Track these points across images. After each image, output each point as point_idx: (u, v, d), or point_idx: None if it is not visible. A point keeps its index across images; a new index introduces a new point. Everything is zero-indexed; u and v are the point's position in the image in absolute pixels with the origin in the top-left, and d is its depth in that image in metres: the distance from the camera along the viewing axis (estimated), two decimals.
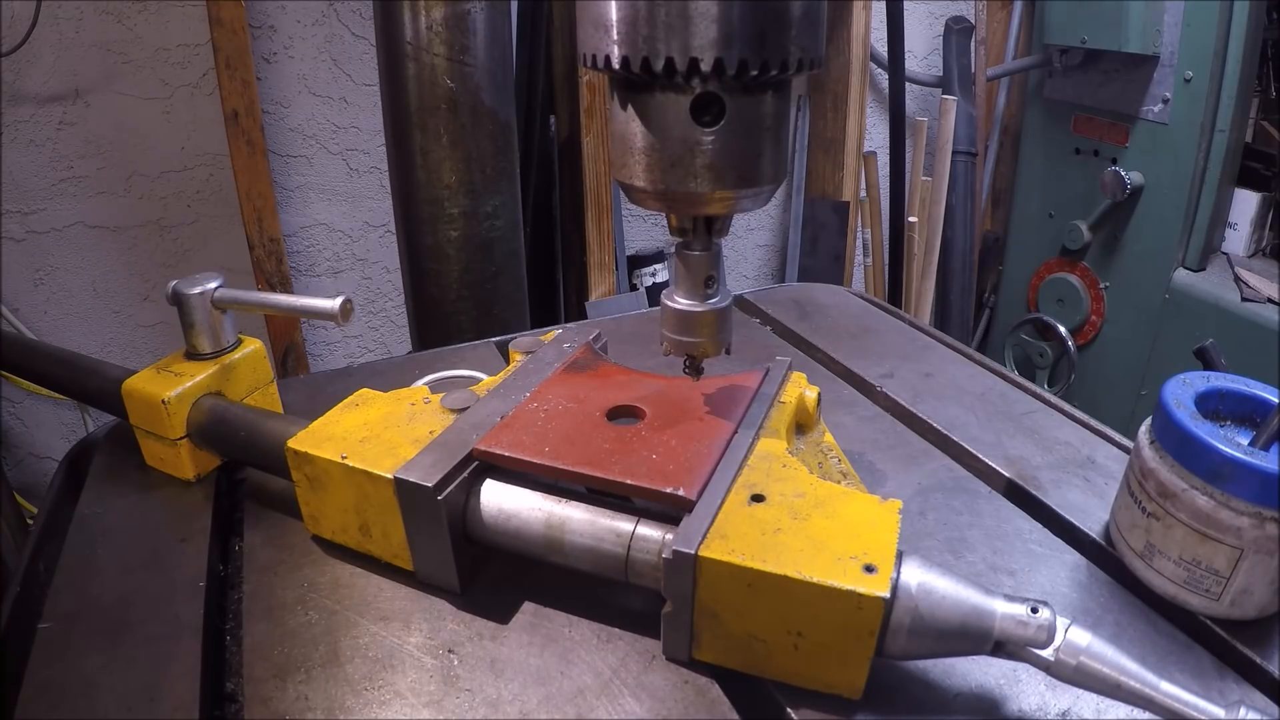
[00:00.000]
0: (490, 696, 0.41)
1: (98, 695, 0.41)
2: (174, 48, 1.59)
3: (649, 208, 0.41)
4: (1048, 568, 0.49)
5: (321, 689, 0.41)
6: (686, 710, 0.40)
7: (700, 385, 0.51)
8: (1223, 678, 0.42)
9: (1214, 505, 0.42)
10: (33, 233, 1.63)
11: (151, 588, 0.48)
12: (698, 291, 0.43)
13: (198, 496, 0.56)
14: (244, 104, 1.55)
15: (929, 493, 0.56)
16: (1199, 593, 0.44)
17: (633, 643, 0.44)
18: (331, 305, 0.53)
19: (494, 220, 1.11)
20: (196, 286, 0.56)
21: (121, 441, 0.61)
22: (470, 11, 1.00)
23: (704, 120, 0.36)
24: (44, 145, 1.57)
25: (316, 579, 0.49)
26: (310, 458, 0.48)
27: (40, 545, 0.53)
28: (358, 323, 1.96)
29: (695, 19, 0.33)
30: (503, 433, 0.48)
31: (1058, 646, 0.36)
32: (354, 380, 0.70)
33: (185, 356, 0.58)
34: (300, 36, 1.66)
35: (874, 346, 0.78)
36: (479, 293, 1.13)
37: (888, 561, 0.37)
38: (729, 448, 0.46)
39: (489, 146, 1.07)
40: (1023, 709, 0.40)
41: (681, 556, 0.39)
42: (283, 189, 1.75)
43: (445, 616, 0.46)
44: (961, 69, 2.15)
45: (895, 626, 0.37)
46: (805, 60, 0.35)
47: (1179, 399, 0.45)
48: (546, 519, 0.44)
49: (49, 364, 0.63)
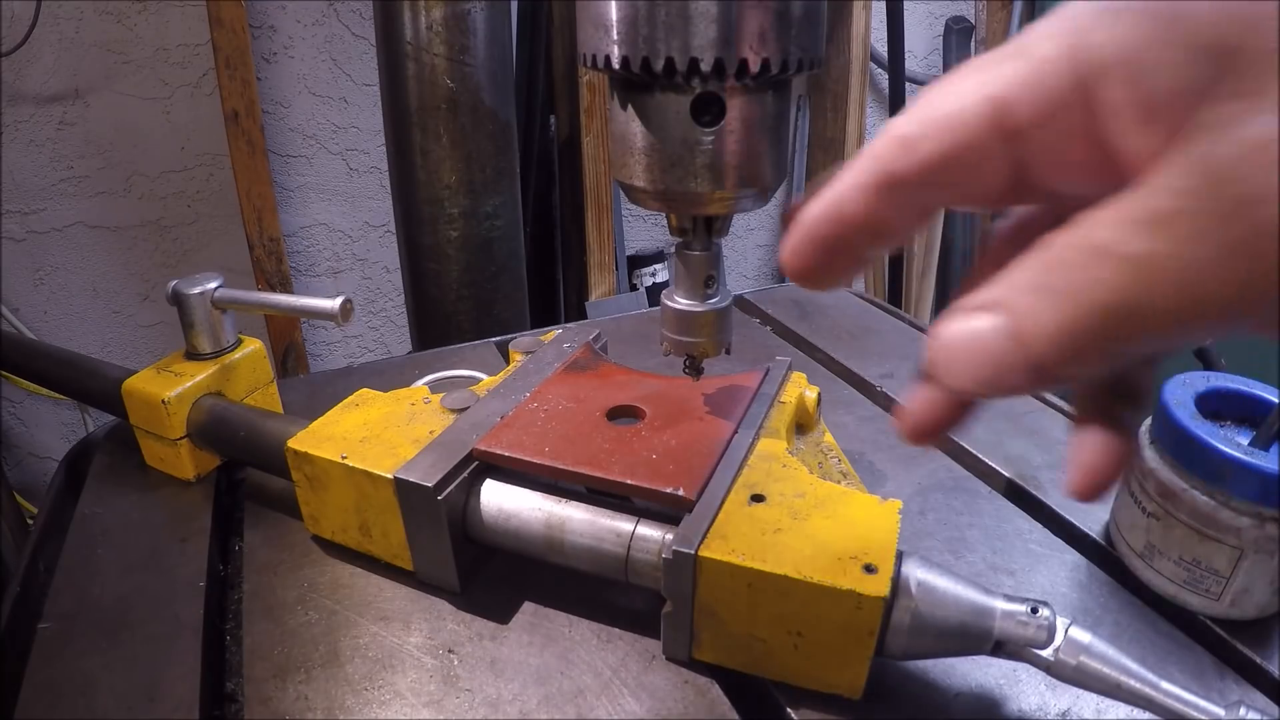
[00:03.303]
0: (490, 696, 0.41)
1: (97, 695, 0.41)
2: (174, 48, 1.59)
3: (649, 208, 0.41)
4: (1048, 568, 0.49)
5: (321, 689, 0.41)
6: (686, 710, 0.40)
7: (700, 385, 0.51)
8: (1223, 678, 0.42)
9: (1214, 505, 0.42)
10: (33, 233, 1.63)
11: (151, 588, 0.48)
12: (698, 291, 0.43)
13: (198, 496, 0.56)
14: (244, 104, 1.55)
15: (929, 492, 0.56)
16: (1199, 593, 0.44)
17: (633, 643, 0.44)
18: (331, 305, 0.53)
19: (494, 220, 1.11)
20: (196, 286, 0.56)
21: (121, 441, 0.61)
22: (470, 11, 1.00)
23: (704, 120, 0.36)
24: (44, 145, 1.57)
25: (316, 579, 0.49)
26: (310, 458, 0.48)
27: (40, 545, 0.54)
28: (358, 323, 1.97)
29: (695, 19, 0.33)
30: (503, 433, 0.48)
31: (1058, 646, 0.36)
32: (354, 380, 0.70)
33: (185, 356, 0.58)
34: (300, 36, 1.66)
35: (874, 346, 0.78)
36: (479, 293, 1.13)
37: (888, 561, 0.37)
38: (729, 448, 0.46)
39: (489, 146, 1.07)
40: (1023, 709, 0.40)
41: (681, 556, 0.39)
42: (283, 189, 1.75)
43: (445, 616, 0.46)
44: None
45: (895, 626, 0.37)
46: (805, 60, 0.35)
47: (1179, 399, 0.45)
48: (546, 519, 0.44)
49: (49, 364, 0.63)
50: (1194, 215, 0.19)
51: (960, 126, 0.24)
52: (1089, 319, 0.21)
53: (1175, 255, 0.19)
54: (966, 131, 0.24)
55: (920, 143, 0.24)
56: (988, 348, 0.23)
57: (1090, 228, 0.21)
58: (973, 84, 0.24)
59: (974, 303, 0.23)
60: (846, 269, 0.29)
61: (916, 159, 0.24)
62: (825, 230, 0.27)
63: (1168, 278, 0.19)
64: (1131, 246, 0.20)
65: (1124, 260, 0.20)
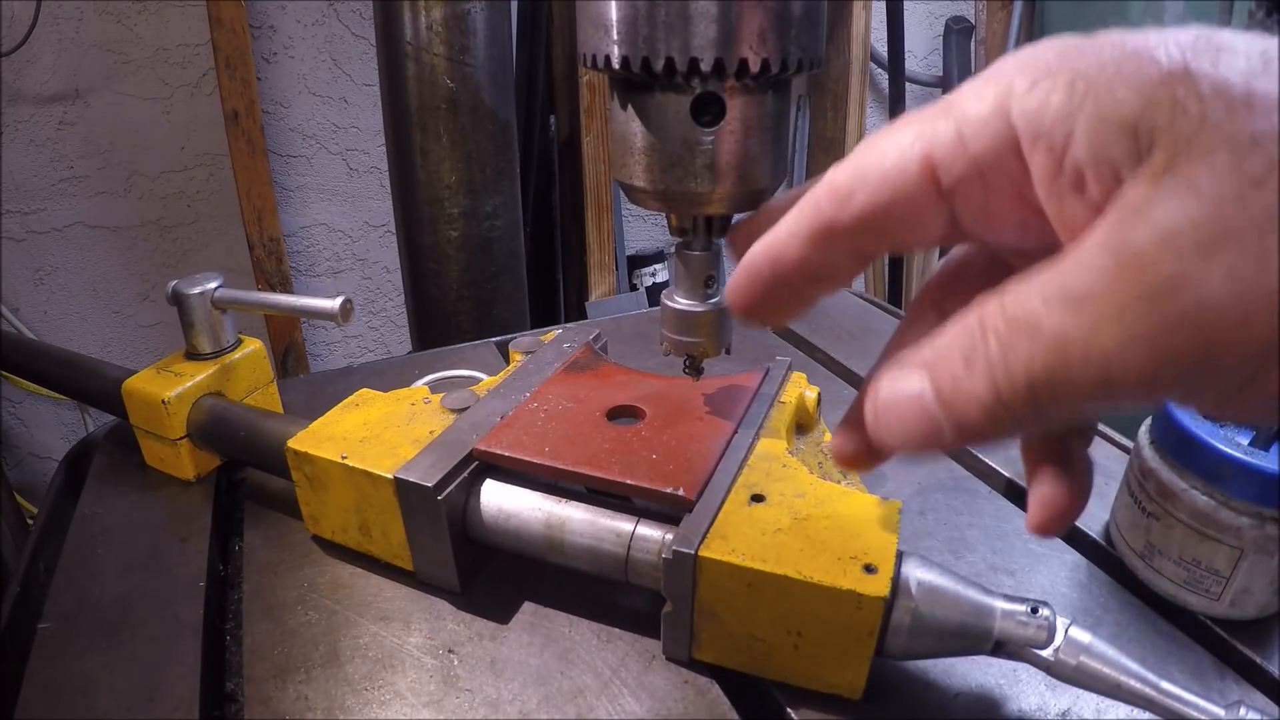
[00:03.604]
0: (490, 696, 0.41)
1: (97, 695, 0.41)
2: (174, 48, 1.59)
3: (649, 208, 0.41)
4: (1048, 568, 0.49)
5: (321, 689, 0.41)
6: (686, 710, 0.40)
7: (700, 385, 0.51)
8: (1223, 678, 0.42)
9: (1214, 505, 0.42)
10: (33, 233, 1.63)
11: (151, 588, 0.48)
12: (698, 291, 0.43)
13: (198, 496, 0.56)
14: (244, 104, 1.55)
15: (929, 492, 0.56)
16: (1199, 593, 0.44)
17: (633, 643, 0.44)
18: (331, 305, 0.53)
19: (494, 220, 1.11)
20: (196, 286, 0.56)
21: (121, 441, 0.61)
22: (470, 11, 1.00)
23: (704, 120, 0.36)
24: (44, 145, 1.57)
25: (316, 579, 0.49)
26: (310, 458, 0.48)
27: (40, 545, 0.54)
28: (358, 323, 1.97)
29: (695, 19, 0.33)
30: (503, 433, 0.48)
31: (1058, 646, 0.36)
32: (354, 380, 0.70)
33: (185, 356, 0.58)
34: (300, 36, 1.66)
35: (874, 346, 0.78)
36: (479, 293, 1.13)
37: (888, 561, 0.37)
38: (729, 448, 0.46)
39: (489, 146, 1.07)
40: (1023, 709, 0.40)
41: (681, 556, 0.39)
42: (283, 189, 1.75)
43: (445, 616, 0.46)
44: (961, 69, 2.15)
45: (895, 626, 0.37)
46: (805, 60, 0.35)
47: None
48: (546, 519, 0.44)
49: (49, 364, 0.63)
50: (1109, 297, 0.19)
51: (895, 181, 0.24)
52: (1012, 389, 0.21)
53: (1091, 335, 0.20)
54: (901, 185, 0.24)
55: (856, 195, 0.25)
56: (917, 409, 0.24)
57: (1016, 298, 0.21)
58: (909, 138, 0.24)
59: (911, 360, 0.24)
60: (789, 308, 0.30)
61: (852, 211, 0.25)
62: (766, 273, 0.28)
63: (1083, 357, 0.20)
64: (1052, 322, 0.20)
65: (1045, 336, 0.20)
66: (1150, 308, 0.19)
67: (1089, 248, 0.20)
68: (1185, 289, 0.18)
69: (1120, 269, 0.19)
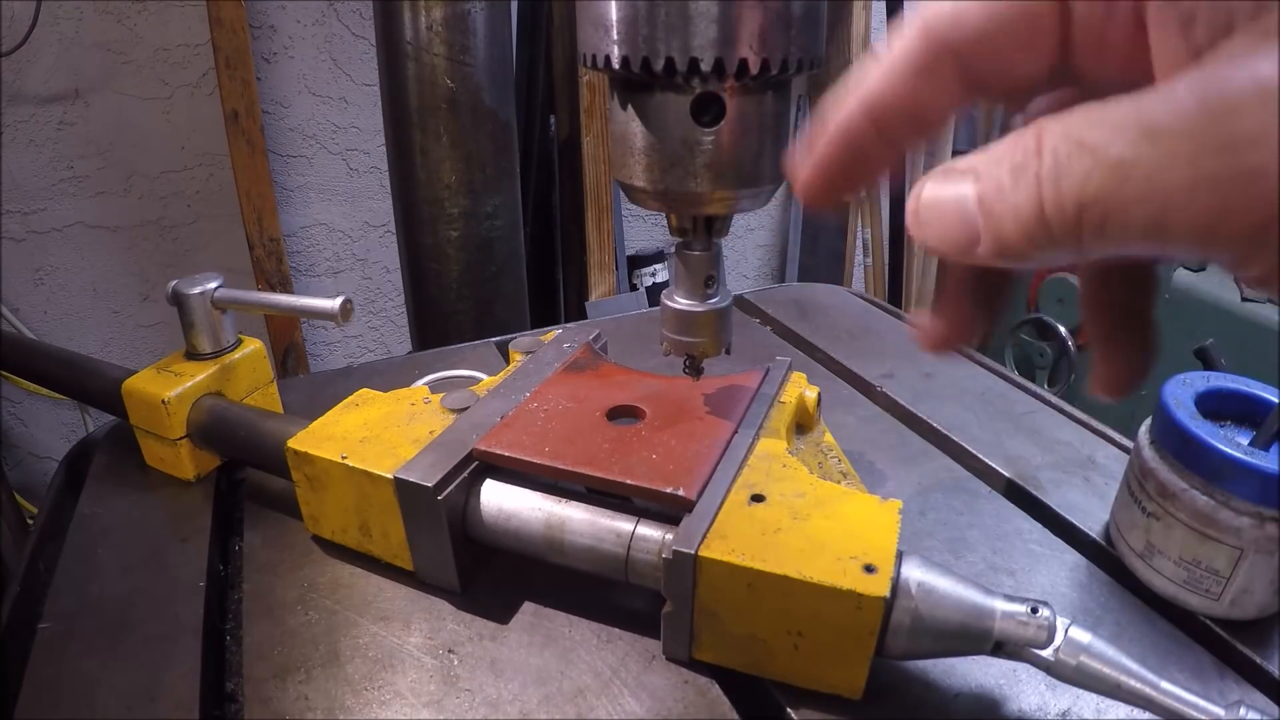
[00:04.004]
0: (490, 696, 0.41)
1: (98, 695, 0.41)
2: (174, 48, 1.59)
3: (649, 208, 0.41)
4: (1048, 568, 0.49)
5: (321, 689, 0.41)
6: (686, 710, 0.40)
7: (700, 385, 0.51)
8: (1223, 678, 0.42)
9: (1214, 505, 0.42)
10: (33, 233, 1.63)
11: (151, 588, 0.48)
12: (698, 291, 0.43)
13: (198, 496, 0.56)
14: (244, 104, 1.55)
15: (929, 493, 0.56)
16: (1199, 593, 0.44)
17: (633, 643, 0.44)
18: (331, 305, 0.53)
19: (494, 220, 1.11)
20: (196, 286, 0.56)
21: (121, 441, 0.61)
22: (470, 11, 1.00)
23: (704, 120, 0.36)
24: (44, 145, 1.57)
25: (316, 579, 0.49)
26: (310, 458, 0.48)
27: (40, 545, 0.53)
28: (358, 323, 1.97)
29: (695, 19, 0.33)
30: (503, 433, 0.48)
31: (1058, 646, 0.36)
32: (354, 380, 0.70)
33: (185, 356, 0.58)
34: (300, 36, 1.66)
35: (874, 346, 0.78)
36: (479, 293, 1.13)
37: (888, 561, 0.37)
38: (729, 448, 0.46)
39: (489, 146, 1.07)
40: (1023, 709, 0.40)
41: (681, 556, 0.39)
42: (283, 189, 1.75)
43: (445, 616, 0.46)
44: None
45: (895, 626, 0.37)
46: (805, 60, 0.35)
47: (1179, 399, 0.45)
48: (546, 519, 0.44)
49: (49, 364, 0.63)
50: (1187, 138, 0.19)
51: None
52: (1058, 208, 0.21)
53: (1157, 169, 0.19)
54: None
55: (970, 12, 0.24)
56: (958, 213, 0.23)
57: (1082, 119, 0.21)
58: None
59: (960, 164, 0.23)
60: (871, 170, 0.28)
61: (969, 26, 0.25)
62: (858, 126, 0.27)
63: (1144, 190, 0.19)
64: (1118, 148, 0.20)
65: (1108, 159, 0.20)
66: (1229, 157, 0.18)
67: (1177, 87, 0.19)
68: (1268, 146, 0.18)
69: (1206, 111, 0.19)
